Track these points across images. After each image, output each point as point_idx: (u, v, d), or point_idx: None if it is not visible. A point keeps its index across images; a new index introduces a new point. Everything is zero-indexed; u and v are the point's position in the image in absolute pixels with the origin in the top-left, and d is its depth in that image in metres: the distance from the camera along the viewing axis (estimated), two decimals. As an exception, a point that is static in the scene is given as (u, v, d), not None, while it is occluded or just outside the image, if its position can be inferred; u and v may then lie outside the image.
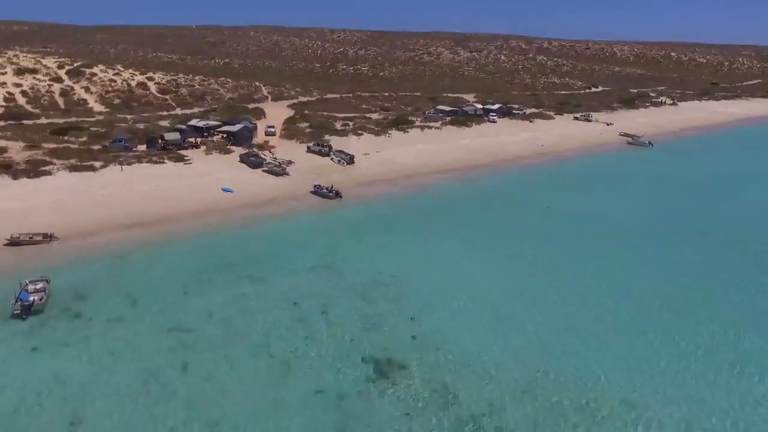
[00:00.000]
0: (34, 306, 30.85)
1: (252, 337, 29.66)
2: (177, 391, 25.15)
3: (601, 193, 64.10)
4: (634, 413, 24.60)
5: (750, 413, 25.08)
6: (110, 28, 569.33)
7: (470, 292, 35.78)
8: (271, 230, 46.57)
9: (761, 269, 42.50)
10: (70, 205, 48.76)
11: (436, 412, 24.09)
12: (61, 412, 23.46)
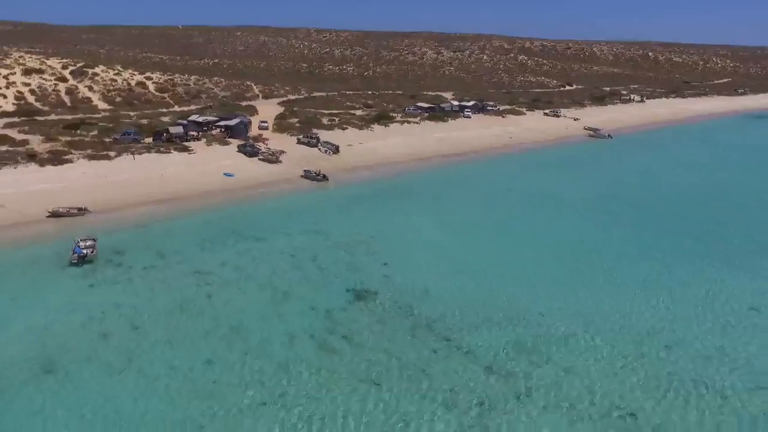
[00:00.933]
0: (87, 257, 39.35)
1: (258, 276, 38.46)
2: (204, 310, 33.86)
3: (556, 176, 73.68)
4: (546, 319, 33.68)
5: (627, 315, 34.20)
6: (95, 28, 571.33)
7: (431, 247, 44.95)
8: (269, 205, 55.37)
9: (660, 226, 52.19)
10: (94, 187, 57.04)
11: (400, 320, 33.08)
12: (120, 323, 32.03)
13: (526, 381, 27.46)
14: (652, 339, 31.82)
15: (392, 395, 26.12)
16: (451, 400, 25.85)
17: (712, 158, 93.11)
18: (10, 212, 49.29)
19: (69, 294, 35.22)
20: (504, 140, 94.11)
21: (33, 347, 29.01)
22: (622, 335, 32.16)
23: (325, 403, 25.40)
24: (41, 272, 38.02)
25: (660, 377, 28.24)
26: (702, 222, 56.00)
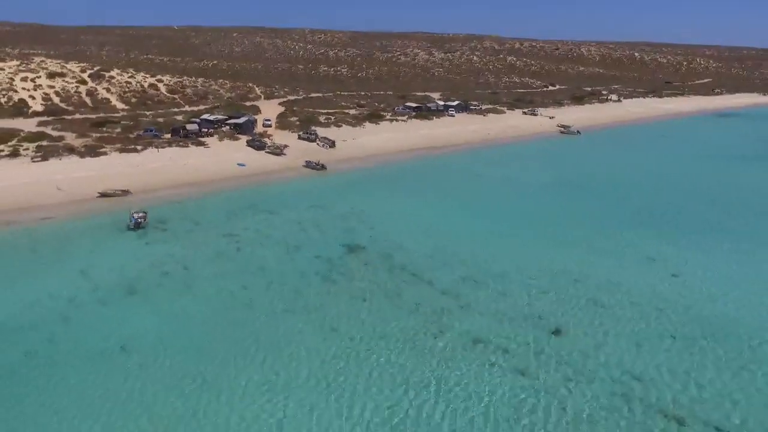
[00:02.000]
0: (141, 224, 51.20)
1: (274, 237, 50.41)
2: (236, 257, 45.75)
3: (521, 166, 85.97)
4: (489, 263, 45.62)
5: (551, 261, 46.18)
6: (92, 29, 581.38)
7: (409, 217, 57.08)
8: (277, 188, 67.34)
9: (599, 203, 64.48)
10: (130, 174, 68.79)
11: (381, 264, 45.04)
12: (175, 265, 43.73)
13: (469, 298, 39.48)
14: (566, 275, 43.92)
15: (375, 306, 38.09)
16: (416, 309, 37.83)
17: (661, 151, 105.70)
18: (67, 193, 61.15)
19: (132, 248, 47.08)
20: (482, 136, 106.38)
21: (117, 280, 40.85)
22: (544, 273, 44.25)
23: (329, 311, 37.31)
24: (107, 234, 49.90)
25: (565, 298, 40.28)
26: (633, 201, 68.35)
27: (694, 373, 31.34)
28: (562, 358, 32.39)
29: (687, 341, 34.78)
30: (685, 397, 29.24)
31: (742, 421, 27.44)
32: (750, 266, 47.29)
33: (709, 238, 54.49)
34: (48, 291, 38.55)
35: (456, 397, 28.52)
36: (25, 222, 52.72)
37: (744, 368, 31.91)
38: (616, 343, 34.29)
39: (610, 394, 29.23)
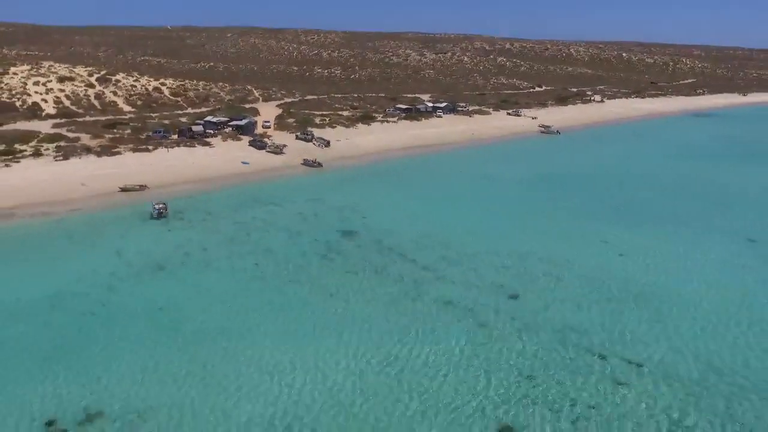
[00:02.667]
0: (162, 214, 59.03)
1: (278, 224, 58.37)
2: (246, 241, 53.67)
3: (501, 163, 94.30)
4: (464, 246, 53.72)
5: (518, 243, 54.31)
6: (86, 29, 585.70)
7: (397, 208, 65.22)
8: (278, 183, 75.28)
9: (568, 195, 72.82)
10: (144, 172, 76.44)
11: (371, 246, 53.10)
12: (194, 248, 51.59)
13: (444, 272, 47.59)
14: (529, 255, 52.09)
15: (366, 278, 46.14)
16: (399, 280, 45.88)
17: (632, 149, 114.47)
18: (91, 188, 68.86)
19: (156, 234, 54.97)
20: (467, 136, 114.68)
21: (148, 259, 48.71)
22: (511, 254, 52.41)
23: (328, 282, 45.30)
24: (133, 222, 57.76)
25: (525, 272, 48.42)
26: (597, 194, 76.76)
27: (619, 325, 39.60)
28: (516, 315, 40.57)
29: (619, 303, 43.05)
30: (608, 342, 37.45)
31: (648, 357, 35.66)
32: (683, 247, 55.74)
33: (657, 225, 62.95)
34: (91, 268, 46.36)
35: (429, 342, 36.61)
36: (57, 213, 60.46)
37: (658, 321, 40.20)
38: (561, 304, 42.51)
39: (551, 340, 37.41)
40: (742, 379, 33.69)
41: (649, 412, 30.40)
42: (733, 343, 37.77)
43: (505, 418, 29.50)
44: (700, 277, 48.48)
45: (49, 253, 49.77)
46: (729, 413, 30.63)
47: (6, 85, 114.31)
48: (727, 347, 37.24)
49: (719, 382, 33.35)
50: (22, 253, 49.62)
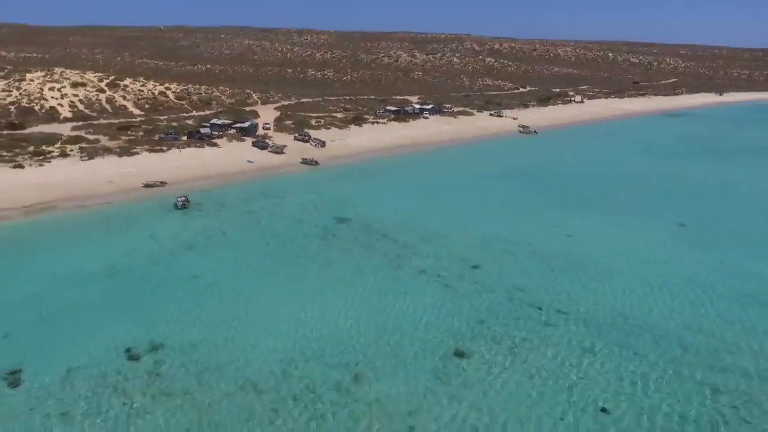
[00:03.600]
0: (184, 206, 69.93)
1: (283, 213, 69.42)
2: (257, 227, 64.68)
3: (481, 160, 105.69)
4: (439, 229, 64.91)
5: (484, 228, 65.56)
6: (80, 29, 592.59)
7: (384, 199, 76.40)
8: (281, 180, 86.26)
9: (535, 187, 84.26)
10: (162, 170, 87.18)
11: (362, 230, 64.25)
12: (215, 232, 62.56)
13: (420, 249, 58.78)
14: (492, 236, 63.41)
15: (356, 253, 57.26)
16: (384, 254, 57.03)
17: (600, 147, 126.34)
18: (118, 185, 79.59)
19: (181, 222, 65.89)
20: (450, 136, 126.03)
21: (177, 241, 59.62)
22: (477, 235, 63.69)
23: (326, 256, 56.37)
24: (160, 212, 68.65)
25: (487, 249, 59.67)
26: (559, 186, 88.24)
27: (557, 286, 50.96)
28: (475, 279, 51.88)
29: (560, 271, 54.44)
30: (546, 298, 48.74)
31: (574, 309, 47.00)
32: (621, 230, 67.33)
33: (604, 212, 74.59)
34: (132, 248, 57.24)
35: (407, 297, 47.77)
36: (92, 205, 71.25)
37: (587, 285, 51.61)
38: (513, 272, 53.85)
39: (503, 297, 48.67)
40: (641, 323, 45.08)
41: (567, 343, 41.71)
42: (641, 299, 49.21)
43: (460, 346, 40.70)
44: (629, 252, 59.99)
45: (94, 237, 60.60)
46: (627, 343, 41.98)
47: (24, 91, 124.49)
48: (636, 302, 48.67)
49: (624, 324, 44.74)
50: (72, 237, 60.45)
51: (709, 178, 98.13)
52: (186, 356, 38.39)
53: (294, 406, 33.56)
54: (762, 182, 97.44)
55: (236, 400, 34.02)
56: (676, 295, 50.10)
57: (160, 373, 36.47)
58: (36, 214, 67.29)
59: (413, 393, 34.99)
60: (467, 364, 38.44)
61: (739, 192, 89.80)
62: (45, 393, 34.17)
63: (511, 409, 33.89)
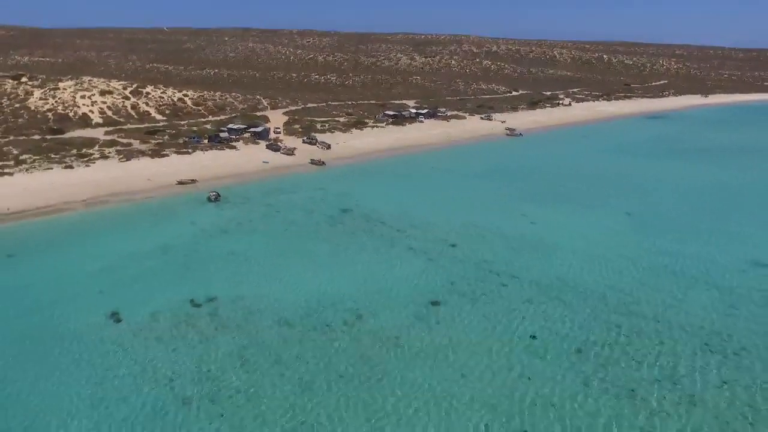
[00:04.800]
0: (215, 199, 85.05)
1: (297, 206, 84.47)
2: (276, 215, 79.67)
3: (468, 160, 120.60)
4: (425, 217, 79.78)
5: (463, 216, 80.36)
6: (84, 31, 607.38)
7: (382, 194, 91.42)
8: (292, 177, 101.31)
9: (512, 183, 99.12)
10: (191, 169, 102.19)
11: (363, 219, 79.23)
12: (242, 220, 77.54)
13: (410, 233, 73.67)
14: (470, 224, 78.23)
15: (358, 236, 72.21)
16: (380, 237, 71.97)
17: (576, 148, 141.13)
18: (155, 182, 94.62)
19: (214, 212, 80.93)
20: (442, 138, 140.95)
21: (213, 226, 74.60)
22: (457, 223, 78.54)
23: (333, 238, 71.30)
24: (195, 205, 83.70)
25: (464, 233, 74.52)
26: (532, 182, 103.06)
27: (514, 260, 65.84)
28: (453, 255, 66.80)
29: (519, 249, 69.33)
30: (505, 268, 63.55)
31: (526, 276, 61.86)
32: (577, 218, 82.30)
33: (566, 204, 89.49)
34: (177, 232, 72.24)
35: (398, 267, 62.66)
36: (137, 199, 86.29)
37: (541, 259, 66.46)
38: (482, 250, 68.72)
39: (470, 267, 63.53)
40: (574, 284, 59.93)
41: (515, 297, 56.49)
42: (579, 269, 64.06)
43: (436, 298, 55.55)
44: (580, 236, 74.87)
45: (145, 224, 75.67)
46: (560, 297, 56.79)
47: (59, 99, 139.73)
48: (574, 271, 63.53)
49: (561, 285, 59.59)
50: (127, 224, 75.48)
51: (661, 175, 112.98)
52: (234, 304, 53.38)
53: (315, 333, 48.54)
54: (703, 179, 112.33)
55: (274, 330, 49.02)
56: (607, 266, 65.03)
57: (217, 315, 51.47)
58: (94, 206, 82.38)
59: (399, 326, 49.97)
60: (440, 309, 53.42)
61: (682, 187, 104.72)
62: (140, 326, 49.16)
63: (470, 337, 48.79)
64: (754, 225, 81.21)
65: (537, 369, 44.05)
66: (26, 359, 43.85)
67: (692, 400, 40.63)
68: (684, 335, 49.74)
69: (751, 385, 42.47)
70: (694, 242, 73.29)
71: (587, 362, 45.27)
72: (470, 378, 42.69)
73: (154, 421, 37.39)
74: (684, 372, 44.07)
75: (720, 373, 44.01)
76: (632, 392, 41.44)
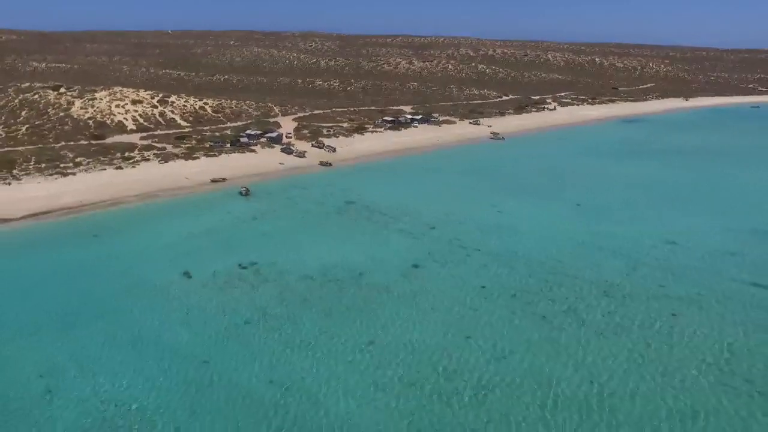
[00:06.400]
0: (246, 194, 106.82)
1: (310, 199, 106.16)
2: (294, 207, 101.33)
3: (454, 161, 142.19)
4: (416, 207, 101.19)
5: (445, 206, 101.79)
6: (91, 34, 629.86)
7: (381, 189, 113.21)
8: (305, 177, 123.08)
9: (486, 180, 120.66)
10: (221, 170, 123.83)
11: (365, 209, 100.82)
12: (269, 211, 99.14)
13: (401, 220, 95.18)
14: (449, 213, 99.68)
15: (360, 223, 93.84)
16: (377, 222, 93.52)
17: (550, 150, 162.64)
18: (192, 181, 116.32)
19: (245, 203, 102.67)
20: (433, 142, 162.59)
21: (246, 214, 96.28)
22: (439, 212, 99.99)
23: (340, 224, 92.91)
24: (229, 198, 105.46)
25: (444, 220, 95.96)
26: (505, 179, 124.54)
27: (480, 238, 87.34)
28: (432, 235, 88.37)
29: (486, 231, 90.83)
30: (472, 244, 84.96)
31: (487, 248, 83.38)
32: (535, 208, 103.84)
33: (528, 196, 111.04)
34: (218, 219, 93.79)
35: (390, 244, 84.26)
36: (180, 194, 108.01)
37: (501, 238, 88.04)
38: (455, 231, 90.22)
39: (445, 243, 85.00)
40: (522, 255, 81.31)
41: (475, 263, 77.94)
42: (529, 245, 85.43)
43: (416, 262, 77.02)
44: (535, 221, 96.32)
45: (191, 213, 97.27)
46: (509, 263, 78.22)
47: (97, 108, 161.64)
48: (525, 246, 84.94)
49: (512, 256, 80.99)
50: (177, 213, 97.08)
51: (615, 173, 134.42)
52: (269, 266, 74.93)
53: (330, 284, 70.10)
54: (649, 176, 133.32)
55: (300, 282, 70.60)
56: (551, 242, 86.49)
57: (259, 273, 73.05)
58: (146, 200, 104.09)
59: (389, 280, 71.55)
60: (419, 270, 74.98)
61: (629, 183, 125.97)
62: (206, 280, 70.71)
63: (438, 287, 70.27)
64: (672, 213, 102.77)
65: (482, 305, 65.63)
66: (132, 303, 65.36)
67: (582, 322, 62.14)
68: (591, 287, 71.24)
69: (628, 314, 63.94)
70: (622, 225, 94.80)
71: (518, 301, 66.85)
72: (437, 310, 64.26)
73: (228, 336, 58.77)
74: (582, 307, 65.61)
75: (607, 308, 65.51)
76: (543, 318, 62.97)
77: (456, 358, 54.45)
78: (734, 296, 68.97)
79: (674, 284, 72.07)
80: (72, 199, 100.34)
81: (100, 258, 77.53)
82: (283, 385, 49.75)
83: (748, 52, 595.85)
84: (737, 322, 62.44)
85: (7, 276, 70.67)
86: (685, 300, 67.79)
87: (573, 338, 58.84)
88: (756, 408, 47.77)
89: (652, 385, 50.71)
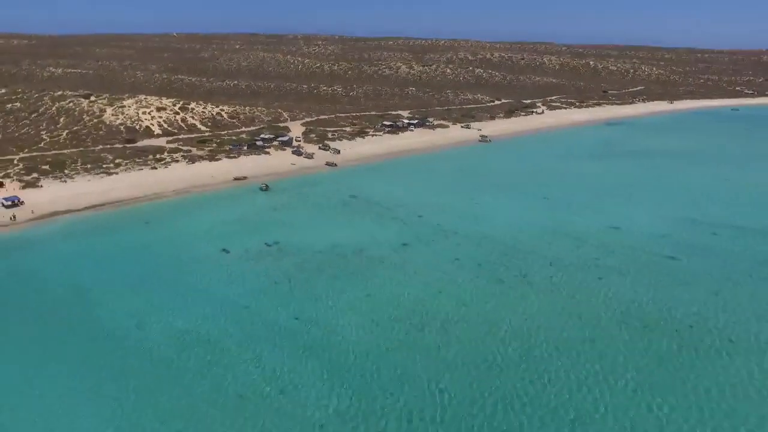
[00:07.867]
0: (266, 189, 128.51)
1: (319, 193, 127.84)
2: (306, 200, 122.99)
3: (444, 161, 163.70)
4: (411, 200, 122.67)
5: (435, 199, 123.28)
6: (99, 38, 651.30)
7: (380, 185, 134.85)
8: (314, 175, 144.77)
9: (474, 178, 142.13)
10: (240, 169, 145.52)
11: (365, 202, 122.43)
12: (288, 204, 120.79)
13: (395, 210, 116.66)
14: (436, 205, 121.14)
15: (361, 214, 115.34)
16: (375, 212, 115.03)
17: (531, 151, 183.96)
18: (217, 178, 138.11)
19: (265, 197, 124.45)
20: (427, 145, 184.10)
21: (267, 206, 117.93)
22: (427, 204, 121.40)
23: (346, 215, 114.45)
24: (251, 193, 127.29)
25: (431, 210, 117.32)
26: (486, 176, 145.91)
27: (458, 224, 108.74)
28: (419, 221, 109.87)
29: (464, 218, 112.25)
30: (452, 228, 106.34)
31: (464, 231, 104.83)
32: (508, 200, 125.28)
33: (503, 191, 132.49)
34: (243, 209, 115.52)
35: (385, 229, 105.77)
36: (209, 190, 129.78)
37: (477, 224, 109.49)
38: (438, 218, 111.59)
39: (429, 227, 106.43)
40: (492, 237, 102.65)
41: (451, 242, 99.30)
42: (499, 230, 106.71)
43: (406, 242, 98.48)
44: (506, 211, 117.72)
45: (221, 205, 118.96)
46: (479, 243, 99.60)
47: (127, 115, 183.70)
48: (495, 230, 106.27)
49: (482, 238, 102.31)
50: (209, 205, 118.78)
51: (584, 172, 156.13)
52: (289, 245, 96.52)
53: (337, 257, 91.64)
54: (614, 175, 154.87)
55: (314, 256, 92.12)
56: (516, 228, 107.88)
57: (281, 249, 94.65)
58: (182, 195, 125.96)
59: (383, 254, 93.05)
60: (407, 247, 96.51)
61: (594, 180, 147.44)
62: (240, 255, 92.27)
63: (422, 259, 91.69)
64: (624, 205, 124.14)
65: (454, 271, 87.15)
66: (187, 270, 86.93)
67: (529, 283, 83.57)
68: (540, 258, 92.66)
69: (564, 278, 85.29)
70: (579, 215, 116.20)
71: (482, 269, 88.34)
72: (419, 274, 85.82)
73: (262, 291, 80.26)
74: (531, 273, 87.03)
75: (549, 274, 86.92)
76: (500, 280, 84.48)
77: (430, 305, 76.06)
78: (651, 266, 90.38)
79: (606, 257, 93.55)
80: (120, 194, 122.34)
81: (156, 239, 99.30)
82: (306, 320, 71.43)
83: (742, 53, 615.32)
84: (647, 284, 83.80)
85: (86, 252, 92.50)
86: (612, 268, 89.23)
87: (519, 293, 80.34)
88: (639, 336, 69.18)
89: (569, 322, 72.18)
